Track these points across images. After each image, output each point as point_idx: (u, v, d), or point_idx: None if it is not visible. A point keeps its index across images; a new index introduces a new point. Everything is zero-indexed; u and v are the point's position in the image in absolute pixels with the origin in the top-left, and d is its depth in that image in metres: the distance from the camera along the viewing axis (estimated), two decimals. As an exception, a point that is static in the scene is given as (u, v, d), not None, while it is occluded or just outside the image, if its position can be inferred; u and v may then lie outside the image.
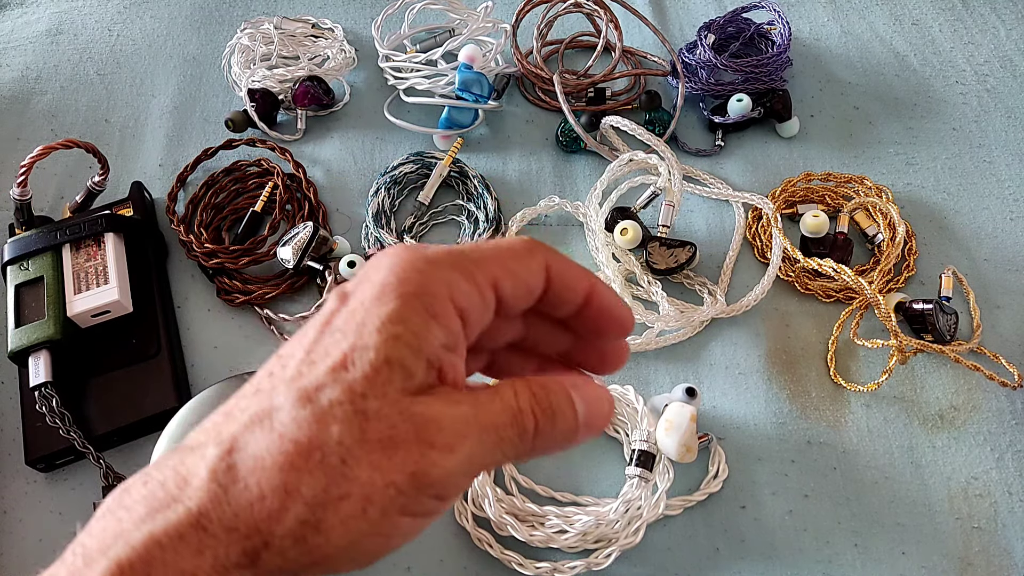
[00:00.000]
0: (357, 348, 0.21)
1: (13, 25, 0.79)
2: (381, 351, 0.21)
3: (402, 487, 0.21)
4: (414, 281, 0.22)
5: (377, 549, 0.21)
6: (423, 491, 0.21)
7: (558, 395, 0.24)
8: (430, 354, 0.22)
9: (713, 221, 0.64)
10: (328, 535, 0.20)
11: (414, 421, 0.21)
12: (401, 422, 0.21)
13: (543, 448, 0.24)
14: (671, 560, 0.48)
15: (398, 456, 0.21)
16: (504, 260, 0.24)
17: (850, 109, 0.72)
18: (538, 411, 0.23)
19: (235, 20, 0.79)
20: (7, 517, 0.51)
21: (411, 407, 0.21)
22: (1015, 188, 0.66)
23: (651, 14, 0.80)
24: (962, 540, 0.49)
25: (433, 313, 0.22)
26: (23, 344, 0.51)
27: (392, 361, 0.21)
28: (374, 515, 0.21)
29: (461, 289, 0.22)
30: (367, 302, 0.22)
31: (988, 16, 0.80)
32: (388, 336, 0.21)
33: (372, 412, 0.21)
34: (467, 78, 0.66)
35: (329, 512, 0.20)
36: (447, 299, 0.22)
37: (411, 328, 0.21)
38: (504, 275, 0.24)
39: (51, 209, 0.65)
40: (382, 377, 0.21)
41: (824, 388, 0.55)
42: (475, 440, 0.22)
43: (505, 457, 0.23)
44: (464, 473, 0.22)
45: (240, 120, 0.68)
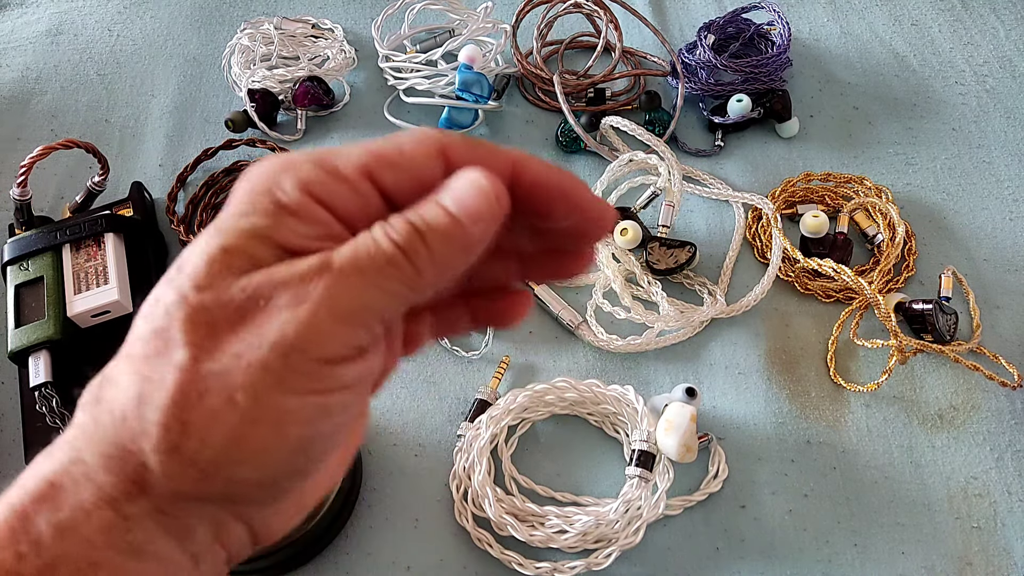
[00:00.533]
0: (192, 251, 0.20)
1: (13, 25, 0.79)
2: (215, 243, 0.20)
3: (266, 361, 0.18)
4: (264, 180, 0.20)
5: (271, 441, 0.19)
6: (293, 357, 0.19)
7: (423, 207, 0.20)
8: (283, 241, 0.20)
9: (713, 221, 0.64)
10: (200, 437, 0.18)
11: (254, 291, 0.19)
12: (243, 299, 0.19)
13: (435, 266, 0.20)
14: (671, 560, 0.48)
15: (248, 332, 0.19)
16: (378, 151, 0.21)
17: (850, 109, 0.72)
18: (403, 235, 0.20)
19: (235, 20, 0.79)
20: (7, 517, 0.51)
21: (249, 281, 0.19)
22: (1014, 188, 0.66)
23: (651, 14, 0.80)
24: (961, 540, 0.49)
25: (283, 205, 0.20)
26: (23, 344, 0.51)
27: (230, 249, 0.19)
28: (245, 401, 0.18)
29: (319, 180, 0.20)
30: (221, 213, 0.21)
31: (987, 17, 0.80)
32: (227, 229, 0.20)
33: (211, 303, 0.19)
34: (467, 78, 0.66)
35: (192, 412, 0.18)
36: (302, 192, 0.20)
37: (254, 220, 0.20)
38: (377, 164, 0.21)
39: (51, 209, 0.65)
40: (217, 266, 0.19)
41: (824, 388, 0.55)
42: (332, 285, 0.19)
43: (389, 292, 0.20)
44: (339, 321, 0.19)
45: (240, 120, 0.68)
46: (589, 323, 0.58)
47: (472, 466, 0.49)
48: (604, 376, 0.56)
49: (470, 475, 0.49)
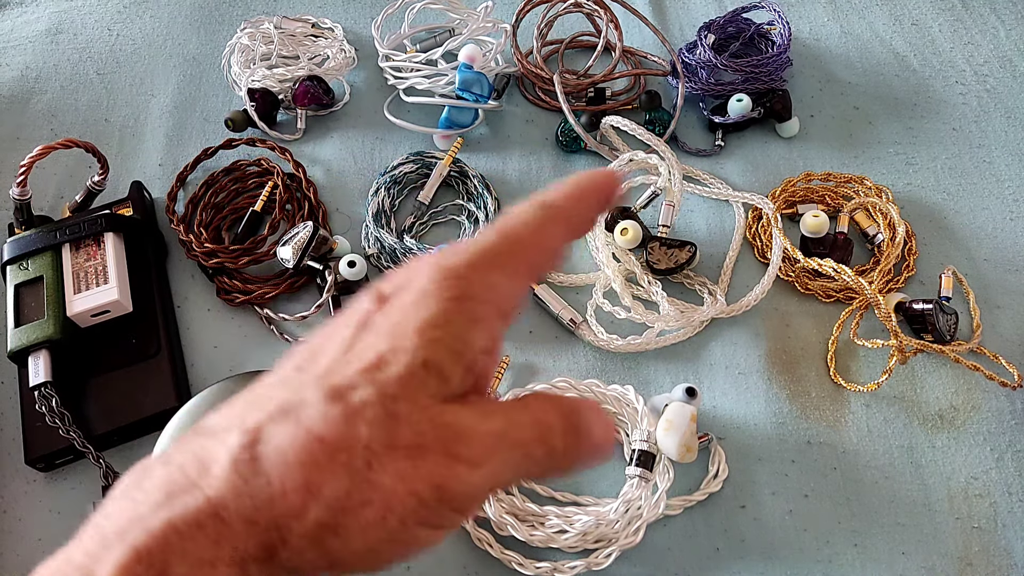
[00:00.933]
0: (394, 349, 0.21)
1: (13, 24, 0.79)
2: (419, 354, 0.21)
3: (425, 498, 0.20)
4: (455, 287, 0.21)
5: (392, 556, 0.21)
6: (445, 504, 0.20)
7: (584, 414, 0.23)
8: (470, 360, 0.21)
9: (713, 221, 0.64)
10: (346, 539, 0.20)
11: (444, 431, 0.20)
12: (431, 430, 0.20)
13: (562, 469, 0.23)
14: (671, 560, 0.48)
15: (424, 466, 0.20)
16: (533, 242, 0.23)
17: (850, 109, 0.72)
18: (567, 430, 0.22)
19: (235, 20, 0.79)
20: (6, 516, 0.51)
21: (442, 415, 0.20)
22: (1015, 188, 0.66)
23: (651, 14, 0.80)
24: (962, 540, 0.49)
25: (475, 318, 0.21)
26: (23, 344, 0.51)
27: (429, 365, 0.21)
28: (393, 524, 0.20)
29: (504, 289, 0.22)
30: (407, 306, 0.22)
31: (988, 16, 0.80)
32: (428, 339, 0.21)
33: (403, 416, 0.20)
34: (467, 78, 0.66)
35: (349, 517, 0.20)
36: (490, 303, 0.22)
37: (452, 332, 0.21)
38: (536, 254, 0.23)
39: (51, 209, 0.65)
40: (417, 380, 0.20)
41: (824, 388, 0.55)
42: (503, 457, 0.21)
43: (528, 474, 0.22)
44: (487, 488, 0.21)
45: (240, 120, 0.68)
46: (589, 323, 0.58)
47: (472, 466, 0.49)
48: (604, 376, 0.56)
49: (470, 475, 0.49)
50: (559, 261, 0.24)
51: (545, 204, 0.24)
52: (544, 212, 0.23)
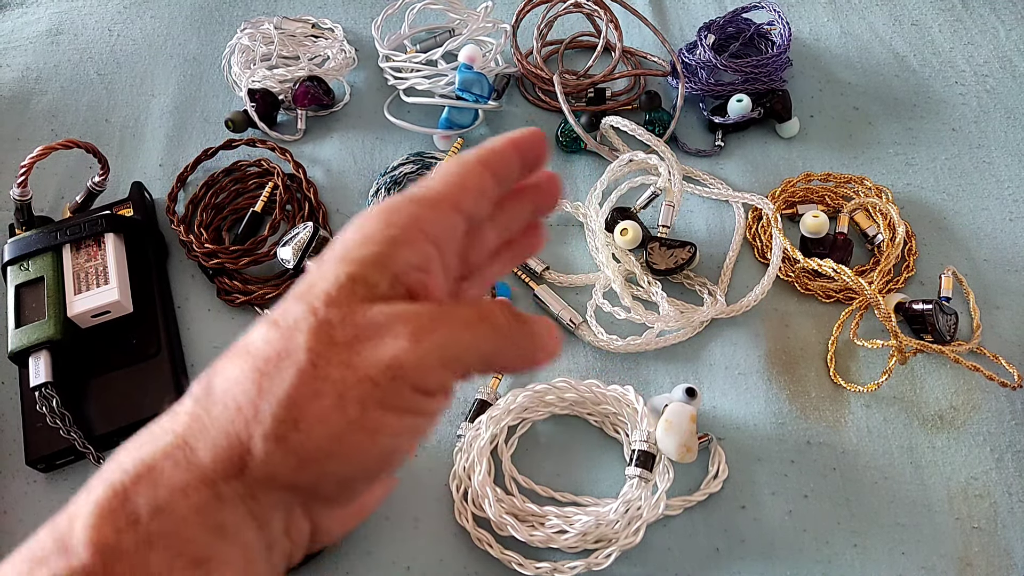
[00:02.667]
0: (323, 273, 0.23)
1: (13, 25, 0.79)
2: (342, 269, 0.23)
3: (376, 378, 0.22)
4: (383, 217, 0.24)
5: (365, 446, 0.22)
6: (399, 381, 0.22)
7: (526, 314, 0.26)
8: (397, 270, 0.24)
9: (713, 221, 0.64)
10: (308, 431, 0.21)
11: (378, 319, 0.22)
12: (364, 322, 0.22)
13: (513, 353, 0.25)
14: (671, 560, 0.48)
15: (366, 351, 0.22)
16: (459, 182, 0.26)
17: (850, 109, 0.72)
18: (510, 316, 0.25)
19: (235, 20, 0.79)
20: (7, 517, 0.51)
21: (372, 310, 0.23)
22: (1014, 188, 0.66)
23: (651, 14, 0.80)
24: (962, 540, 0.49)
25: (398, 240, 0.24)
26: (23, 344, 0.51)
27: (354, 277, 0.23)
28: (352, 409, 0.21)
29: (427, 219, 0.25)
30: (344, 237, 0.24)
31: (988, 17, 0.80)
32: (351, 258, 0.23)
33: (336, 320, 0.22)
34: (467, 78, 0.66)
35: (304, 410, 0.21)
36: (415, 229, 0.24)
37: (374, 249, 0.23)
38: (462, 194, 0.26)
39: (51, 209, 0.65)
40: (343, 291, 0.23)
41: (824, 388, 0.55)
42: (444, 331, 0.23)
43: (480, 351, 0.24)
44: (439, 363, 0.23)
45: (240, 120, 0.68)
46: (589, 323, 0.58)
47: (472, 466, 0.49)
48: (604, 376, 0.56)
49: (470, 475, 0.49)
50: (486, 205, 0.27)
51: (474, 155, 0.27)
52: (472, 162, 0.27)
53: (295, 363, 0.22)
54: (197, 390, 0.23)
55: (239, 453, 0.22)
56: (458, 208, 0.26)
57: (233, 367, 0.23)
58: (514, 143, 0.27)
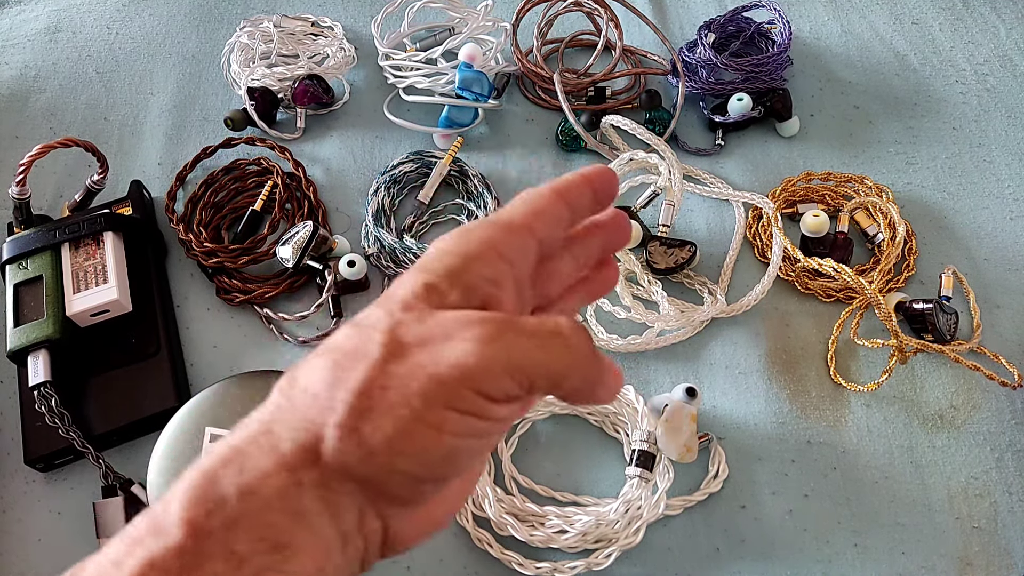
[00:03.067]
0: (402, 282, 0.25)
1: (12, 23, 0.79)
2: (418, 279, 0.25)
3: (442, 378, 0.23)
4: (459, 240, 0.26)
5: (430, 443, 0.23)
6: (463, 383, 0.23)
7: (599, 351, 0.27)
8: (469, 281, 0.25)
9: (713, 221, 0.64)
10: (377, 422, 0.22)
11: (448, 324, 0.24)
12: (435, 326, 0.24)
13: (580, 375, 0.25)
14: (671, 560, 0.48)
15: (435, 351, 0.23)
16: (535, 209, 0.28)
17: (850, 108, 0.72)
18: (584, 338, 0.25)
19: (234, 18, 0.79)
20: (6, 516, 0.51)
21: (443, 315, 0.24)
22: (1015, 187, 0.66)
23: (651, 13, 0.80)
24: (962, 540, 0.49)
25: (471, 255, 0.26)
26: (22, 343, 0.51)
27: (429, 285, 0.25)
28: (418, 404, 0.22)
29: (501, 238, 0.26)
30: (418, 261, 0.26)
31: (988, 16, 0.80)
32: (427, 270, 0.25)
33: (407, 322, 0.24)
34: (467, 77, 0.66)
35: (373, 400, 0.22)
36: (489, 245, 0.26)
37: (448, 263, 0.25)
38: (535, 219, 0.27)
39: (50, 208, 0.64)
40: (418, 298, 0.25)
41: (824, 388, 0.55)
42: (512, 339, 0.24)
43: (547, 367, 0.24)
44: (503, 370, 0.23)
45: (239, 119, 0.67)
46: (589, 322, 0.58)
47: (472, 466, 0.49)
48: (604, 376, 0.56)
49: (470, 475, 0.49)
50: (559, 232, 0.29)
51: (548, 186, 0.29)
52: (546, 191, 0.28)
53: (368, 358, 0.23)
54: (283, 382, 0.25)
55: (314, 441, 0.23)
56: (532, 231, 0.27)
57: (316, 361, 0.24)
58: (586, 177, 0.29)
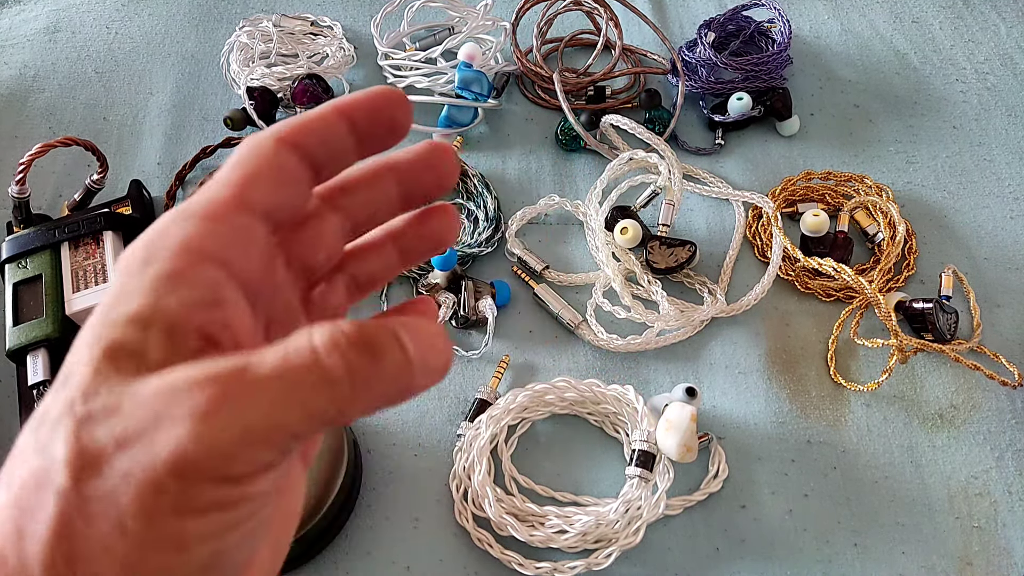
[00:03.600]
0: (76, 354, 0.17)
1: (11, 23, 0.79)
2: (96, 344, 0.17)
3: (158, 483, 0.16)
4: (139, 250, 0.18)
5: (175, 564, 0.16)
6: (190, 477, 0.16)
7: (378, 332, 0.18)
8: (169, 321, 0.17)
9: (713, 220, 0.64)
10: (91, 570, 0.16)
11: (150, 401, 0.16)
12: (136, 411, 0.16)
13: (371, 397, 0.17)
14: (671, 560, 0.48)
15: (139, 447, 0.16)
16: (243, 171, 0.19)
17: (850, 107, 0.72)
18: (350, 352, 0.17)
19: (234, 18, 0.79)
20: (6, 517, 0.51)
21: (143, 388, 0.16)
22: (1015, 186, 0.66)
23: (651, 12, 0.80)
24: (962, 539, 0.49)
25: (164, 276, 0.17)
26: (21, 342, 0.51)
27: (113, 348, 0.17)
28: (137, 527, 0.16)
29: (194, 231, 0.18)
30: (96, 309, 0.18)
31: (988, 14, 0.80)
32: (107, 323, 0.17)
33: (97, 413, 0.16)
34: (467, 76, 0.66)
35: (78, 543, 0.16)
36: (187, 253, 0.18)
37: (132, 304, 0.17)
38: (248, 186, 0.19)
39: (49, 207, 0.64)
40: (102, 373, 0.17)
41: (824, 387, 0.55)
42: (242, 400, 0.16)
43: (313, 414, 0.17)
44: (242, 442, 0.16)
45: (239, 118, 0.67)
46: (589, 322, 0.58)
47: (472, 466, 0.49)
48: (604, 376, 0.56)
49: (470, 475, 0.49)
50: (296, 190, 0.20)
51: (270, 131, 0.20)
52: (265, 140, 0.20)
53: (54, 487, 0.16)
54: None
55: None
56: (247, 206, 0.19)
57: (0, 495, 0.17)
58: (335, 107, 0.20)
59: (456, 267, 0.57)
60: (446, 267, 0.56)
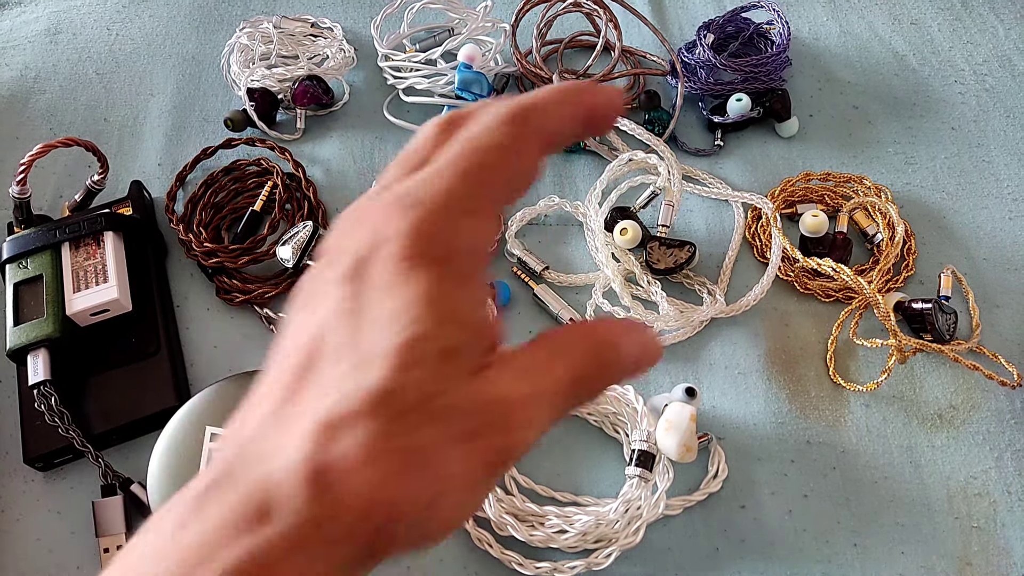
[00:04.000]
0: (413, 343, 0.19)
1: (12, 24, 0.79)
2: (435, 342, 0.19)
3: (492, 466, 0.20)
4: (429, 250, 0.20)
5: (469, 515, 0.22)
6: (508, 464, 0.21)
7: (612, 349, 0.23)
8: (475, 324, 0.20)
9: (712, 221, 0.64)
10: (436, 523, 0.20)
11: (490, 410, 0.20)
12: (478, 412, 0.20)
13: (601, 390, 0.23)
14: (671, 560, 0.48)
15: (483, 443, 0.20)
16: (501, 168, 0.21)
17: (849, 109, 0.72)
18: (597, 367, 0.22)
19: (234, 19, 0.79)
20: (5, 516, 0.51)
21: (481, 394, 0.20)
22: (1014, 187, 0.67)
23: (650, 14, 0.80)
24: (961, 539, 0.49)
25: (462, 277, 0.20)
26: (22, 342, 0.51)
27: (448, 351, 0.19)
28: (471, 497, 0.20)
29: (479, 233, 0.20)
30: (390, 288, 0.19)
31: (987, 16, 0.80)
32: (434, 322, 0.19)
33: (452, 409, 0.19)
34: (466, 77, 0.66)
35: (434, 510, 0.19)
36: (469, 253, 0.20)
37: (448, 306, 0.19)
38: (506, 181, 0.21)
39: (50, 208, 0.64)
40: (446, 371, 0.19)
41: (823, 388, 0.55)
42: (547, 409, 0.21)
43: (571, 409, 0.22)
44: (539, 438, 0.21)
45: (239, 119, 0.68)
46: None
47: (472, 465, 0.49)
48: (604, 375, 0.56)
49: (470, 474, 0.49)
50: (535, 179, 0.22)
51: (515, 116, 0.21)
52: (514, 128, 0.21)
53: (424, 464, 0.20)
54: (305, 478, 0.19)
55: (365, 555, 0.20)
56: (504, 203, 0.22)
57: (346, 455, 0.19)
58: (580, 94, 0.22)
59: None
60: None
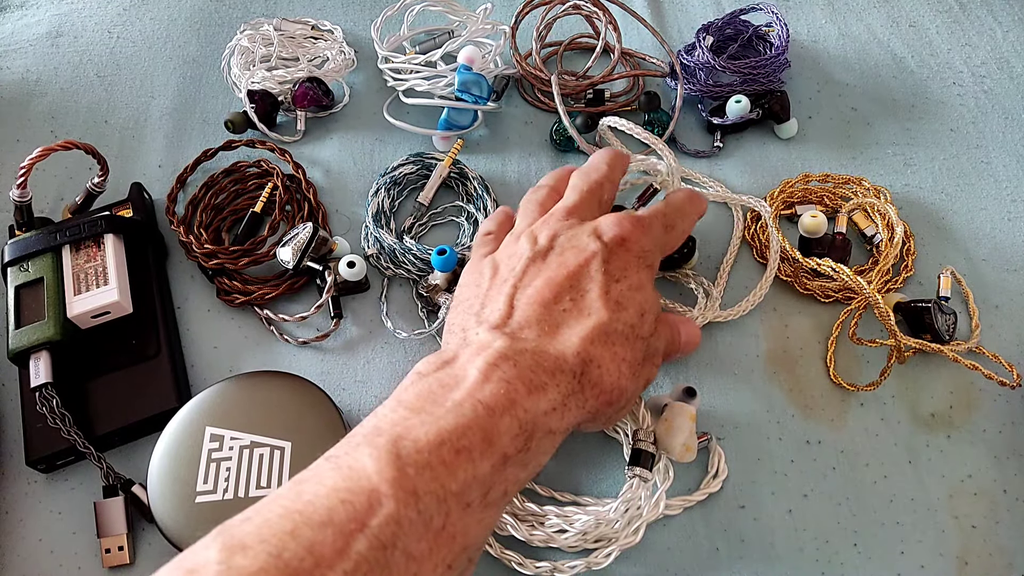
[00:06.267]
0: (647, 307, 0.44)
1: (13, 27, 0.79)
2: (648, 306, 0.44)
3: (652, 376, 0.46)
4: (645, 253, 0.46)
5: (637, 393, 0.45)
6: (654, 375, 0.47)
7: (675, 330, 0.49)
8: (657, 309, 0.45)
9: (711, 222, 0.64)
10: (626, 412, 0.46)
11: (652, 350, 0.45)
12: (649, 351, 0.45)
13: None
14: (671, 560, 0.49)
15: (649, 368, 0.46)
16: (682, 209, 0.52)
17: (848, 110, 0.72)
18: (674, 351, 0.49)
19: (234, 22, 0.79)
20: (8, 517, 0.51)
21: (650, 344, 0.45)
22: (1012, 189, 0.67)
23: (649, 16, 0.80)
24: (960, 539, 0.49)
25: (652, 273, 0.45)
26: (23, 345, 0.51)
27: (645, 314, 0.44)
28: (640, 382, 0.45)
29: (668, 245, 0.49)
30: (631, 263, 0.45)
31: (985, 18, 0.81)
32: (645, 299, 0.44)
33: (648, 346, 0.44)
34: (466, 79, 0.67)
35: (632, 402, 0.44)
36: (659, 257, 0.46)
37: (653, 294, 0.45)
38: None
39: (51, 210, 0.65)
40: (645, 327, 0.44)
41: (823, 388, 0.55)
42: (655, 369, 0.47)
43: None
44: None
45: (240, 121, 0.68)
46: (589, 323, 0.58)
47: (472, 466, 0.49)
48: (604, 376, 0.56)
49: (470, 475, 0.49)
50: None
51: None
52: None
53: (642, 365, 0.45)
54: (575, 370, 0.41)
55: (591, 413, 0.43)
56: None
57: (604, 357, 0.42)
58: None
59: (456, 268, 0.57)
60: (446, 268, 0.56)
